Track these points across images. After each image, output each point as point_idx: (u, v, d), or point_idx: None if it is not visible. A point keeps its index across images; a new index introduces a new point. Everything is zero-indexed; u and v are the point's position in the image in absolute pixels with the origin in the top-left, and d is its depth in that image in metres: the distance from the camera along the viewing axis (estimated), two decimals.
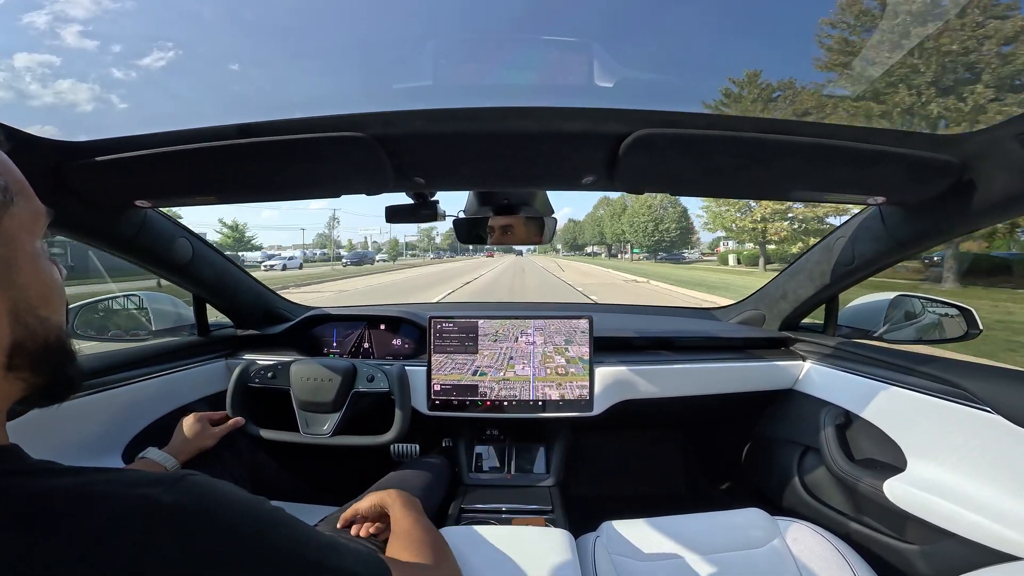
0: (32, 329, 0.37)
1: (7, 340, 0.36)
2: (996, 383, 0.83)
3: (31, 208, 0.39)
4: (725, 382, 1.33)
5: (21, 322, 0.36)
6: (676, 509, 1.02)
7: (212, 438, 1.07)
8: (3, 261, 0.35)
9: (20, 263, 0.37)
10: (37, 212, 0.40)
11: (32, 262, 0.38)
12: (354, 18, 0.71)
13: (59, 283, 0.41)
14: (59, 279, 0.42)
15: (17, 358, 0.37)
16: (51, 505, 0.32)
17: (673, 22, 0.82)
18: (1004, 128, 0.68)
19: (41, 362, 0.39)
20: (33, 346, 0.37)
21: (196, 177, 0.85)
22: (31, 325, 0.37)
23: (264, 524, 0.39)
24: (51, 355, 0.39)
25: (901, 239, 0.97)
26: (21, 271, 0.37)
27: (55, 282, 0.41)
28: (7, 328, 0.36)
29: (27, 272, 0.37)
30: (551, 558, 0.79)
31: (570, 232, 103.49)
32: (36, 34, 4.92)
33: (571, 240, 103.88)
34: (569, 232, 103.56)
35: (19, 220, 0.37)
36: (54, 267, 0.41)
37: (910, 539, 0.95)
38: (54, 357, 0.40)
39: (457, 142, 0.75)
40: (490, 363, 1.25)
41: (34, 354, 0.38)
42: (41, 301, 0.38)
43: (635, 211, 56.01)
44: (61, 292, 0.42)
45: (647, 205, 54.43)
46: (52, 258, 0.42)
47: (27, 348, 0.37)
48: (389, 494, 0.78)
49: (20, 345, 0.36)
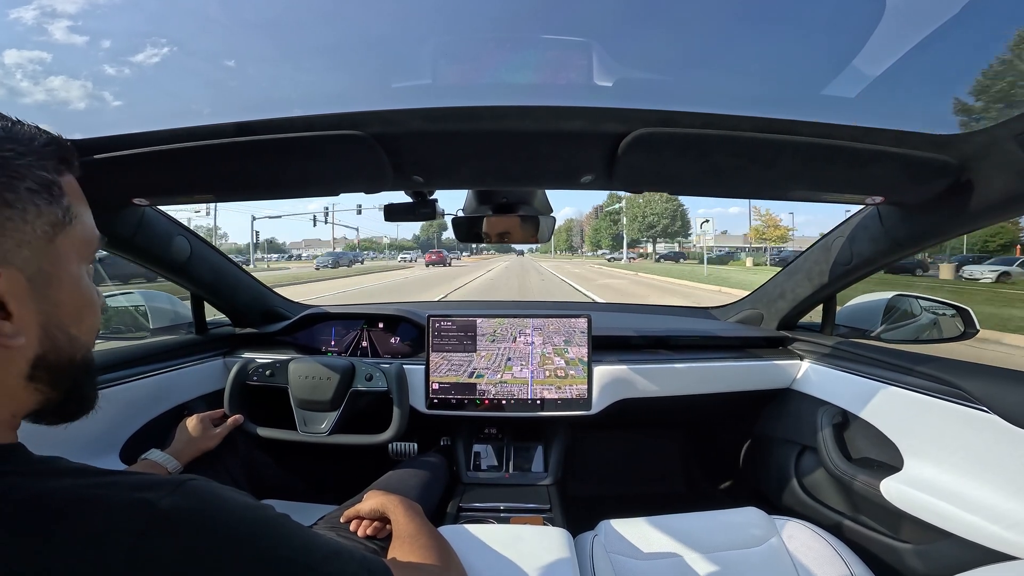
0: (59, 345, 0.39)
1: (33, 351, 0.37)
2: (993, 383, 0.83)
3: (86, 233, 0.41)
4: (723, 381, 1.33)
5: (50, 336, 0.38)
6: (674, 508, 1.02)
7: (214, 439, 1.07)
8: (46, 276, 0.37)
9: (62, 281, 0.38)
10: (91, 239, 0.42)
11: (74, 281, 0.39)
12: (353, 16, 0.70)
13: (97, 305, 0.43)
14: (98, 301, 0.43)
15: (40, 370, 0.38)
16: (50, 507, 0.32)
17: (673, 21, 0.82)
18: (1002, 129, 0.68)
19: (62, 377, 0.40)
20: (57, 361, 0.39)
21: (194, 175, 0.85)
22: (59, 341, 0.38)
23: (266, 531, 0.38)
24: (73, 372, 0.41)
25: (899, 239, 0.98)
26: (61, 288, 0.38)
27: (93, 304, 0.42)
28: (35, 340, 0.37)
29: (66, 290, 0.39)
30: (549, 557, 0.79)
31: (576, 234, 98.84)
32: (24, 30, 4.92)
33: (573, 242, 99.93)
34: (576, 234, 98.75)
35: (72, 241, 0.39)
36: (95, 290, 0.42)
37: (906, 538, 0.95)
38: (75, 375, 0.41)
39: (456, 141, 0.75)
40: (487, 364, 1.25)
41: (57, 369, 0.39)
42: (74, 320, 0.40)
43: (635, 206, 54.14)
44: (97, 315, 0.43)
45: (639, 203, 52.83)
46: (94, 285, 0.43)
47: (51, 362, 0.38)
48: (390, 499, 0.78)
49: (44, 358, 0.38)
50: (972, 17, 0.60)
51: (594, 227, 71.41)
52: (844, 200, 0.95)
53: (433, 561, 0.63)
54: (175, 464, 0.95)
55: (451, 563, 0.65)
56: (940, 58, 0.68)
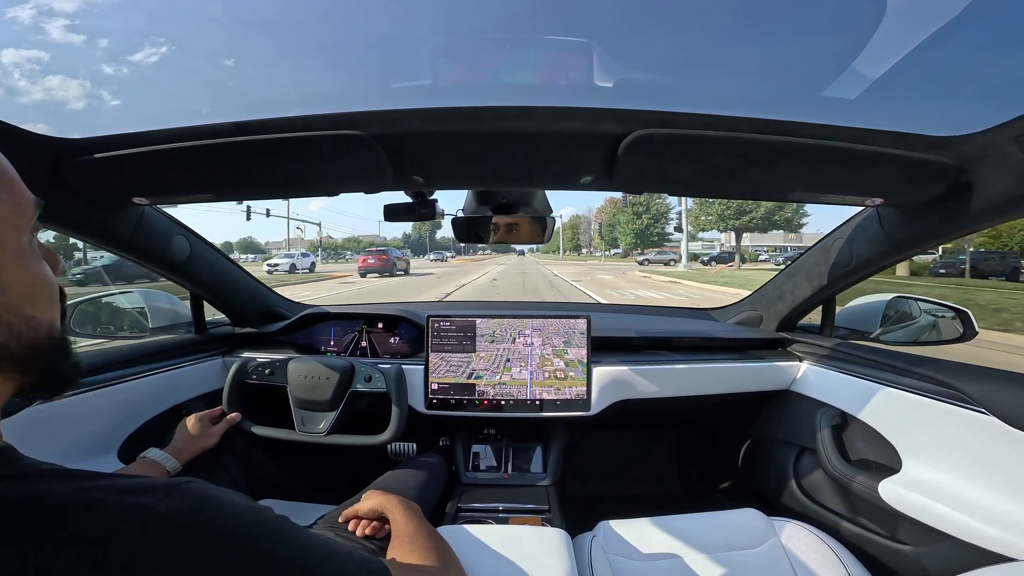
0: (16, 330, 0.36)
1: None
2: (992, 385, 0.83)
3: (15, 201, 0.36)
4: (722, 382, 1.33)
5: (4, 323, 0.35)
6: (672, 509, 1.02)
7: (213, 437, 1.06)
8: None
9: (1, 262, 0.35)
10: (21, 205, 0.37)
11: (16, 260, 0.36)
12: (353, 16, 0.70)
13: (49, 280, 0.39)
14: (50, 275, 0.40)
15: (2, 360, 0.36)
16: (43, 512, 0.31)
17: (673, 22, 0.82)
18: (1002, 131, 0.68)
19: (29, 362, 0.37)
20: (19, 348, 0.36)
21: (194, 174, 0.84)
22: (15, 326, 0.36)
23: (264, 532, 0.38)
24: (40, 355, 0.38)
25: (898, 240, 0.98)
26: (1, 271, 0.35)
27: (44, 279, 0.39)
28: None
29: (8, 271, 0.35)
30: (547, 558, 0.79)
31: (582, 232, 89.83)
32: (21, 29, 4.91)
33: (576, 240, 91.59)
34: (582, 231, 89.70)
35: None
36: (44, 263, 0.39)
37: (904, 540, 0.95)
38: (44, 356, 0.38)
39: (456, 141, 0.75)
40: (486, 366, 1.25)
41: (20, 356, 0.36)
42: (26, 301, 0.36)
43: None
44: (52, 289, 0.40)
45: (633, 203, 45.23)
46: (51, 251, 0.41)
47: (12, 350, 0.36)
48: (389, 499, 0.78)
49: (4, 347, 0.35)
50: (973, 19, 0.60)
51: (611, 221, 56.93)
52: (844, 202, 0.95)
53: (432, 562, 0.63)
54: (173, 463, 0.95)
55: (450, 563, 0.65)
56: (940, 60, 0.67)
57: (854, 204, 0.98)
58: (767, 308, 1.50)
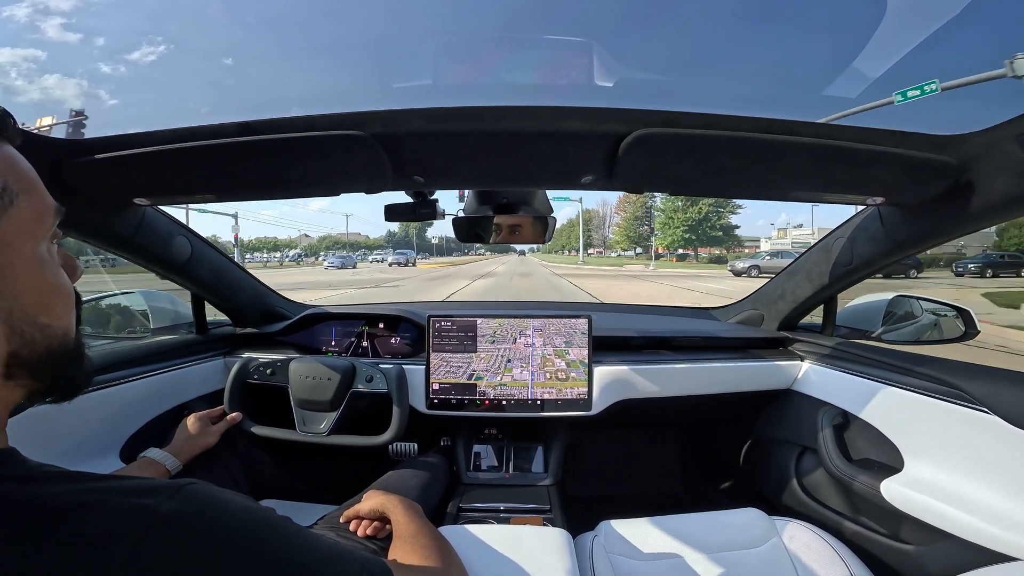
0: (30, 338, 0.36)
1: (3, 351, 0.34)
2: (994, 384, 0.83)
3: (35, 208, 0.36)
4: (724, 382, 1.33)
5: (17, 332, 0.35)
6: (674, 509, 1.02)
7: (214, 435, 1.07)
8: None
9: (16, 270, 0.35)
10: (42, 212, 0.37)
11: (32, 268, 0.36)
12: (354, 16, 0.71)
13: (65, 287, 0.39)
14: (66, 282, 0.39)
15: (15, 368, 0.35)
16: (46, 514, 0.31)
17: (675, 21, 0.82)
18: (1003, 129, 0.68)
19: (42, 370, 0.37)
20: (32, 356, 0.36)
21: (195, 175, 0.85)
22: (28, 334, 0.35)
23: (266, 533, 0.38)
24: (53, 362, 0.38)
25: (900, 240, 0.98)
26: (17, 279, 0.35)
27: (60, 287, 0.39)
28: (3, 339, 0.34)
29: (24, 279, 0.35)
30: (549, 558, 0.79)
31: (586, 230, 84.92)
32: (17, 28, 4.80)
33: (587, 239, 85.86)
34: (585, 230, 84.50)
35: (19, 223, 0.35)
36: (61, 270, 0.39)
37: (907, 539, 0.95)
38: (56, 363, 0.38)
39: (456, 141, 0.75)
40: (487, 366, 1.25)
41: (33, 364, 0.36)
42: (40, 309, 0.36)
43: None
44: (68, 296, 0.39)
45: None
46: (70, 256, 0.40)
47: (24, 358, 0.36)
48: (390, 499, 0.78)
49: (17, 355, 0.35)
50: (973, 18, 0.60)
51: (636, 213, 50.72)
52: (845, 201, 0.95)
53: (434, 562, 0.63)
54: (174, 462, 0.95)
55: (452, 563, 0.65)
56: (941, 59, 0.68)
57: (856, 203, 0.98)
58: (768, 307, 1.50)
